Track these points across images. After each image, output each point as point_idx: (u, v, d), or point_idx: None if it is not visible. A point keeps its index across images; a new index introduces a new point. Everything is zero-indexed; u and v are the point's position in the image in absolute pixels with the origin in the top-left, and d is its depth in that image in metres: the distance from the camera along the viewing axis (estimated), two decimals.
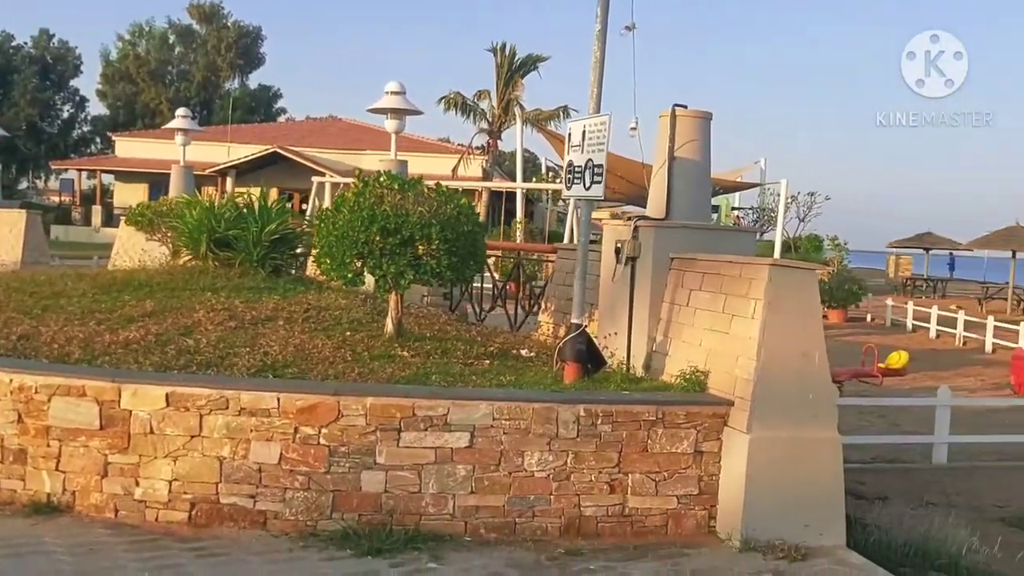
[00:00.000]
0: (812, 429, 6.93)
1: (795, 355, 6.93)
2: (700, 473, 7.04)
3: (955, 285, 43.15)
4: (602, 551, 6.56)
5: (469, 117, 48.42)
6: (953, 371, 19.17)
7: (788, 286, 6.97)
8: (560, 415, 6.77)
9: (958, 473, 11.06)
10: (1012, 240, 33.49)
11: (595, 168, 7.53)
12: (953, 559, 7.67)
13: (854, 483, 10.29)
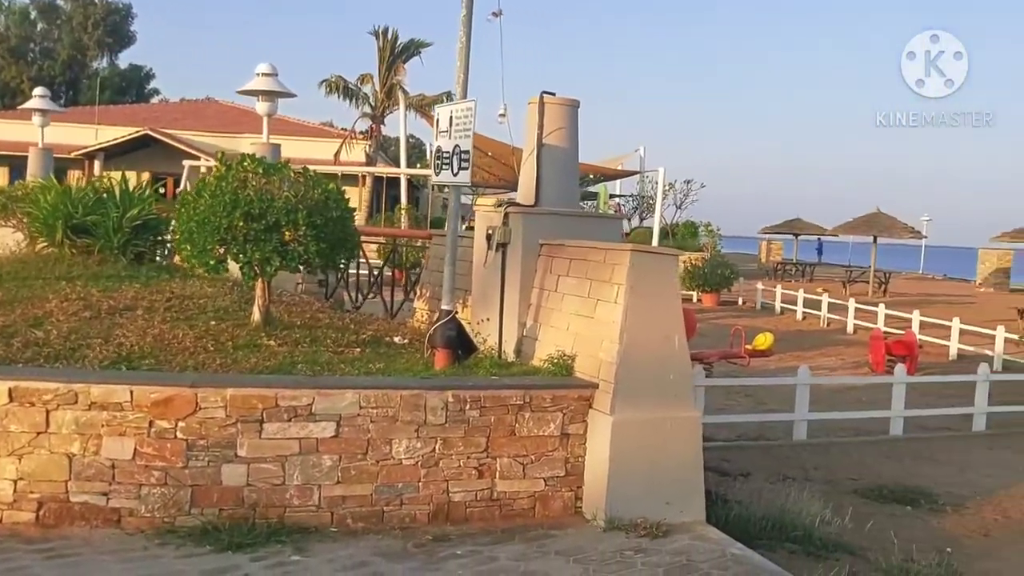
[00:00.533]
0: (673, 409, 7.14)
1: (656, 338, 7.12)
2: (566, 455, 7.16)
3: (823, 269, 45.33)
4: (470, 536, 6.60)
5: (352, 101, 47.63)
6: (817, 351, 20.12)
7: (649, 271, 7.15)
8: (428, 402, 6.75)
9: (816, 449, 11.63)
10: (873, 226, 35.34)
11: (462, 154, 7.52)
12: (807, 531, 8.07)
13: (719, 460, 10.71)
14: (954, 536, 8.66)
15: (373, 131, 47.23)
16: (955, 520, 9.12)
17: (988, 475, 10.89)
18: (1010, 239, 27.12)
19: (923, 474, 10.75)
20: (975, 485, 10.41)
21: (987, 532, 8.86)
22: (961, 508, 9.50)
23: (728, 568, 6.24)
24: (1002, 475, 10.89)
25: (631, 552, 6.41)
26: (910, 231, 35.53)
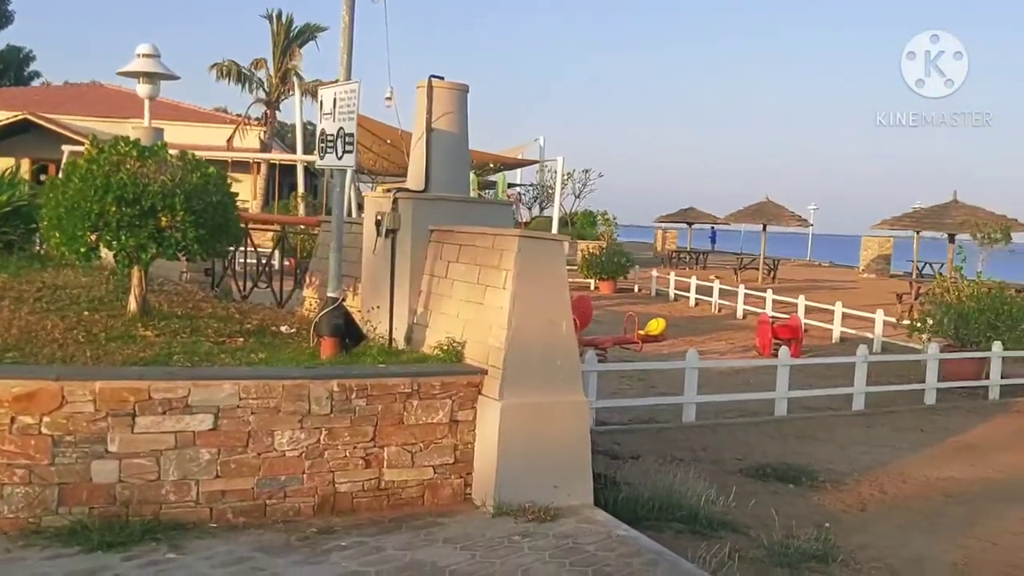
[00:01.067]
0: (560, 393, 7.18)
1: (544, 323, 7.13)
2: (456, 442, 7.11)
3: (716, 257, 46.59)
4: (356, 526, 6.48)
5: (245, 86, 46.29)
6: (708, 336, 20.64)
7: (537, 257, 7.15)
8: (312, 391, 6.59)
9: (704, 430, 11.91)
10: (762, 214, 36.47)
11: (347, 137, 7.36)
12: (693, 510, 8.24)
13: (611, 444, 10.86)
14: (833, 511, 8.99)
15: (268, 117, 46.05)
16: (834, 496, 9.47)
17: (866, 452, 11.35)
18: (889, 226, 28.41)
19: (805, 452, 11.13)
20: (854, 462, 10.84)
21: (864, 507, 9.23)
22: (840, 484, 9.87)
23: (613, 549, 6.30)
24: (879, 452, 11.37)
25: (518, 537, 6.41)
26: (797, 219, 36.84)
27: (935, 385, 14.35)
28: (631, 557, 6.17)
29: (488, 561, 5.96)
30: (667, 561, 6.16)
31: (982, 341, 15.28)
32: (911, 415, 13.54)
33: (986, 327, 15.30)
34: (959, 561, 7.83)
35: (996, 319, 15.35)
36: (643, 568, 6.00)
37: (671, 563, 6.14)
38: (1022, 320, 15.52)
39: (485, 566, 5.88)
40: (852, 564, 7.56)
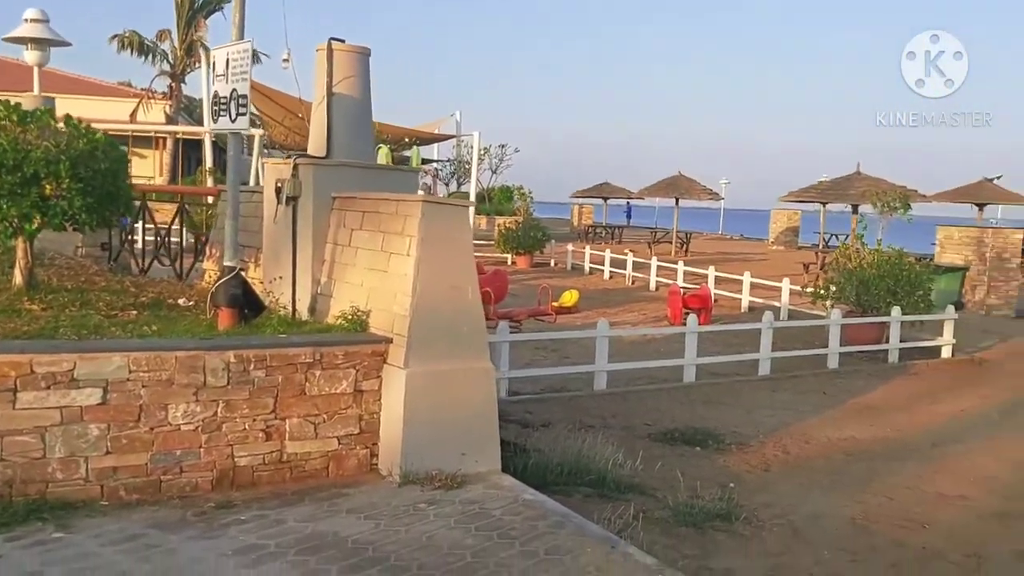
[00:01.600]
0: (467, 360, 7.10)
1: (449, 290, 7.03)
2: (361, 412, 6.98)
3: (631, 232, 47.08)
4: (257, 500, 6.30)
5: (148, 59, 44.68)
6: (621, 307, 20.84)
7: (441, 222, 7.04)
8: (208, 363, 6.37)
9: (615, 397, 12.03)
10: (675, 188, 36.98)
11: (240, 99, 7.10)
12: (601, 474, 8.30)
13: (522, 413, 10.87)
14: (737, 472, 9.19)
15: (173, 91, 44.53)
16: (739, 458, 9.67)
17: (771, 415, 11.64)
18: (795, 198, 29.17)
19: (712, 417, 11.34)
20: (759, 425, 11.10)
21: (767, 467, 9.45)
22: (745, 446, 10.09)
23: (519, 513, 6.29)
24: (783, 415, 11.67)
25: (424, 504, 6.34)
26: (709, 193, 37.46)
27: (837, 350, 14.80)
28: (537, 520, 6.16)
29: (392, 529, 5.88)
30: (572, 523, 6.17)
31: (882, 307, 15.81)
32: (814, 379, 13.94)
33: (886, 293, 15.83)
34: (857, 516, 8.08)
35: (895, 285, 15.89)
36: (549, 530, 6.00)
37: (577, 524, 6.16)
38: (920, 286, 16.11)
39: (389, 534, 5.79)
40: (755, 522, 7.73)
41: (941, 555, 7.27)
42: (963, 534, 7.76)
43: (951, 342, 16.16)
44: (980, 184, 31.39)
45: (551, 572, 5.34)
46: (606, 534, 6.08)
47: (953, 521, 8.07)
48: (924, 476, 9.35)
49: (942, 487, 9.02)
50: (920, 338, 16.41)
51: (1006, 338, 18.26)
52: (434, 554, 5.52)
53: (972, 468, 9.71)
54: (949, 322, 16.25)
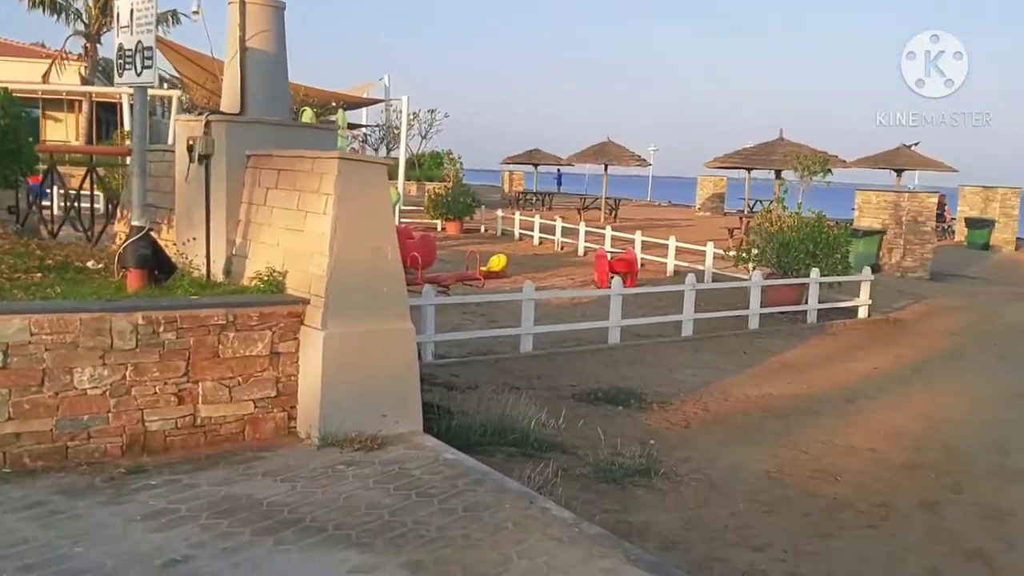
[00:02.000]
0: (386, 321, 7.02)
1: (367, 249, 6.92)
2: (278, 375, 6.85)
3: (562, 198, 47.22)
4: (169, 465, 6.15)
5: (61, 18, 42.83)
6: (550, 272, 20.90)
7: (359, 180, 6.90)
8: (114, 325, 6.15)
9: (541, 360, 12.08)
10: (603, 154, 37.12)
11: (145, 51, 6.81)
12: (524, 434, 8.34)
13: (448, 376, 10.84)
14: (658, 429, 9.33)
15: (88, 51, 42.83)
16: (660, 416, 9.82)
17: (693, 375, 11.84)
18: (720, 164, 29.54)
19: (636, 377, 11.48)
20: (681, 384, 11.28)
21: (688, 424, 9.62)
22: (667, 405, 10.24)
23: (440, 472, 6.27)
24: (705, 374, 11.88)
25: (343, 466, 6.27)
26: (637, 159, 37.67)
27: (758, 311, 15.11)
28: (457, 479, 6.15)
29: (309, 491, 5.80)
30: (492, 480, 6.18)
31: (802, 269, 16.18)
32: (735, 339, 14.22)
33: (805, 255, 16.20)
34: (772, 469, 8.29)
35: (815, 248, 16.26)
36: (468, 487, 6.00)
37: (496, 481, 6.17)
38: (838, 249, 16.52)
39: (306, 496, 5.72)
40: (673, 476, 7.87)
41: (851, 505, 7.51)
42: (872, 485, 8.02)
43: (867, 303, 16.64)
44: (898, 150, 32.20)
45: (469, 528, 5.34)
46: (525, 490, 6.11)
47: (863, 473, 8.34)
48: (837, 430, 9.63)
49: (854, 441, 9.31)
50: (838, 299, 16.85)
51: (919, 299, 18.89)
52: (351, 514, 5.46)
53: (883, 423, 10.04)
54: (865, 283, 16.72)
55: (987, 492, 8.00)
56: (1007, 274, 24.14)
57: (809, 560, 6.37)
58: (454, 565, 4.85)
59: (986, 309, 18.30)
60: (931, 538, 6.91)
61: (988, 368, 13.28)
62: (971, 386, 12.06)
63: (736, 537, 6.73)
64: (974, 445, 9.36)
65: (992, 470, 8.63)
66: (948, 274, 23.22)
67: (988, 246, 30.22)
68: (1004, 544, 6.86)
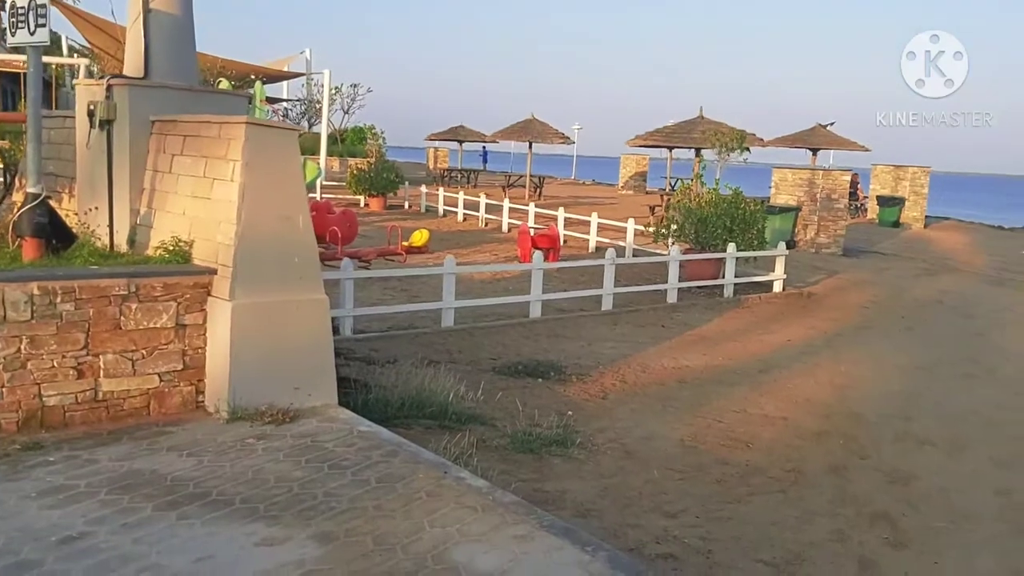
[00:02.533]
0: (298, 292, 6.84)
1: (277, 218, 6.73)
2: (184, 347, 6.63)
3: (487, 176, 47.07)
4: (68, 441, 5.91)
5: None
6: (473, 248, 20.84)
7: (268, 147, 6.70)
8: (7, 295, 5.86)
9: (462, 334, 12.02)
10: (528, 131, 37.09)
11: (38, 8, 6.46)
12: (442, 406, 8.27)
13: (368, 351, 10.70)
14: (577, 401, 9.38)
15: None
16: (579, 387, 9.87)
17: (612, 347, 11.93)
18: (641, 142, 29.76)
19: (556, 350, 11.53)
20: (600, 356, 11.36)
21: (605, 395, 9.69)
22: (585, 377, 10.30)
23: (353, 444, 6.17)
24: (623, 347, 11.99)
25: (253, 440, 6.12)
26: (561, 137, 37.74)
27: (676, 285, 15.32)
28: (371, 450, 6.06)
29: (217, 465, 5.64)
30: (407, 451, 6.11)
31: (719, 244, 16.44)
32: (653, 313, 14.40)
33: (723, 231, 16.46)
34: (686, 437, 8.41)
35: (732, 224, 16.54)
36: (382, 459, 5.91)
37: (411, 453, 6.10)
38: (754, 224, 16.83)
39: (213, 470, 5.56)
40: (590, 446, 7.92)
41: (762, 470, 7.67)
42: (783, 451, 8.22)
43: (782, 277, 17.04)
44: (814, 130, 32.97)
45: (382, 499, 5.26)
46: (440, 460, 6.06)
47: (775, 440, 8.53)
48: (750, 399, 9.84)
49: (766, 409, 9.52)
50: (754, 274, 17.21)
51: (832, 274, 19.43)
52: (259, 487, 5.33)
53: (794, 391, 10.29)
54: (780, 258, 17.11)
55: (892, 457, 8.27)
56: (916, 250, 25.01)
57: (721, 524, 6.48)
58: (365, 535, 4.77)
59: (895, 283, 18.95)
60: (838, 501, 7.11)
61: (895, 340, 13.74)
62: (878, 357, 12.46)
63: (650, 504, 6.81)
64: (880, 412, 9.67)
65: (897, 436, 8.92)
66: (860, 250, 23.95)
67: (898, 223, 31.25)
68: (907, 506, 7.09)
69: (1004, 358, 12.96)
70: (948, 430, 9.21)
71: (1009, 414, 10.03)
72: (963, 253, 25.42)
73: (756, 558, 5.96)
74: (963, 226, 36.53)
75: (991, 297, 18.29)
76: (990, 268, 22.64)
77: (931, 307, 16.54)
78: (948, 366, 12.14)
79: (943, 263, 22.91)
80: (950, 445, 8.73)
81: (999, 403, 10.46)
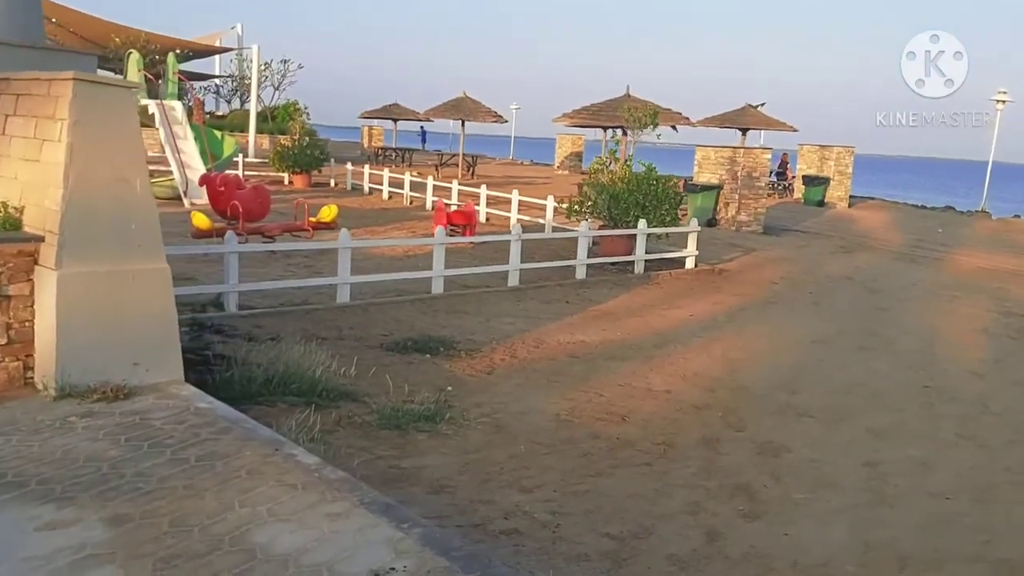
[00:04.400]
0: (136, 261, 6.45)
1: (111, 181, 6.32)
2: (9, 320, 6.22)
3: (424, 156, 46.49)
4: None
5: None
6: (391, 225, 20.45)
7: (100, 105, 6.27)
8: None
9: (356, 310, 11.69)
10: (460, 110, 36.68)
11: None
12: (312, 383, 7.98)
13: (251, 327, 10.34)
14: (460, 376, 9.13)
15: None
16: (467, 363, 9.63)
17: (511, 323, 11.71)
18: (568, 120, 29.54)
19: (453, 325, 11.27)
20: (496, 332, 11.14)
21: (492, 370, 9.46)
22: (476, 352, 10.07)
23: (185, 421, 5.83)
24: (522, 323, 11.77)
25: (76, 418, 5.75)
26: (493, 115, 37.35)
27: (585, 261, 15.14)
28: (203, 428, 5.74)
29: (25, 445, 5.27)
30: (241, 428, 5.79)
31: (632, 220, 16.31)
32: (560, 289, 14.21)
33: (634, 207, 16.33)
34: (563, 412, 8.22)
35: (644, 200, 16.42)
36: (212, 436, 5.59)
37: (247, 430, 5.79)
38: (666, 201, 16.74)
39: (19, 450, 5.19)
40: (461, 421, 7.68)
41: (632, 444, 7.51)
42: (659, 424, 8.07)
43: (694, 253, 16.99)
44: (743, 110, 33.14)
45: (196, 478, 4.95)
46: (275, 437, 5.75)
47: (653, 413, 8.39)
48: (639, 373, 9.70)
49: (652, 383, 9.39)
50: (666, 250, 17.13)
51: (749, 251, 19.48)
52: (65, 468, 4.98)
53: (685, 365, 10.18)
54: (692, 235, 17.04)
55: (768, 429, 8.18)
56: (837, 229, 25.24)
57: (576, 498, 6.29)
58: (163, 517, 4.46)
59: (810, 260, 19.06)
60: (703, 474, 6.97)
61: (799, 314, 13.75)
62: (779, 331, 12.45)
63: (509, 479, 6.60)
64: (766, 385, 9.60)
65: (779, 408, 8.85)
66: (782, 228, 24.09)
67: (823, 203, 31.56)
68: (771, 478, 6.98)
69: (903, 331, 13.05)
70: (831, 401, 9.18)
71: (895, 386, 10.05)
72: (882, 231, 25.73)
73: (603, 532, 5.77)
74: (886, 205, 37.08)
75: (902, 273, 18.49)
76: (905, 246, 22.94)
77: (841, 283, 16.63)
78: (846, 339, 12.16)
79: (860, 241, 23.15)
80: (830, 416, 8.68)
81: (888, 375, 10.49)
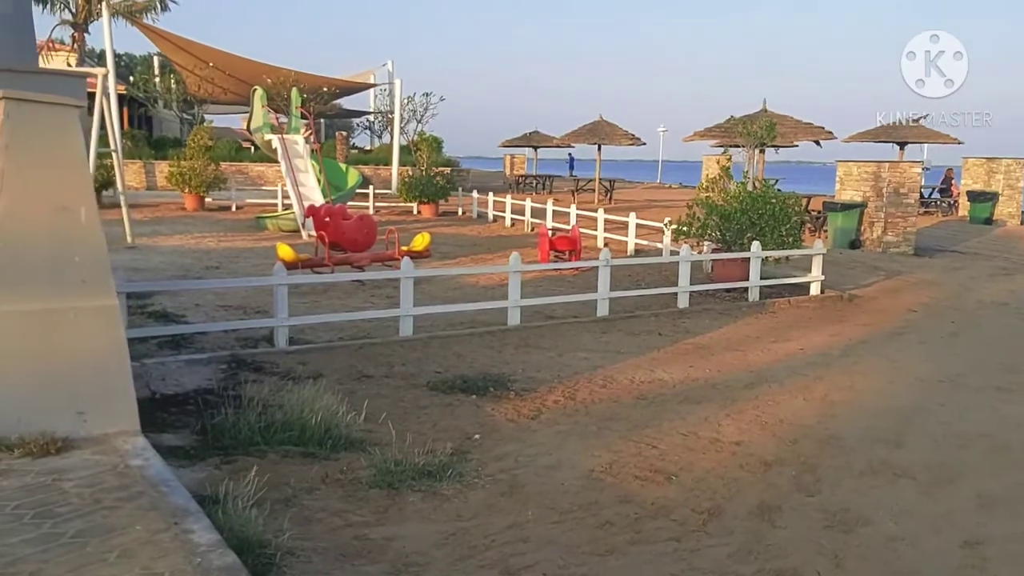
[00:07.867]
0: (78, 298, 5.81)
1: (51, 210, 5.73)
2: None
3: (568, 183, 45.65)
4: None
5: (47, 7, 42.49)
6: (498, 253, 19.64)
7: (36, 125, 5.71)
8: None
9: (416, 344, 10.84)
10: (596, 134, 35.64)
11: None
12: (314, 429, 7.17)
13: (294, 364, 9.70)
14: (498, 421, 8.06)
15: (76, 41, 42.36)
16: (512, 405, 8.54)
17: (584, 359, 10.52)
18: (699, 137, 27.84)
19: (517, 361, 10.22)
20: (563, 368, 9.99)
21: (537, 414, 8.32)
22: (529, 392, 8.96)
23: (99, 484, 5.06)
24: (598, 358, 10.55)
25: None
26: (630, 138, 36.06)
27: (688, 288, 13.68)
28: (110, 493, 4.94)
29: None
30: (155, 493, 4.95)
31: (745, 242, 14.72)
32: (655, 320, 12.83)
33: (748, 227, 14.73)
34: (599, 467, 6.97)
35: (759, 220, 14.80)
36: (114, 504, 4.78)
37: (157, 496, 4.93)
38: (786, 220, 15.02)
39: None
40: (469, 478, 6.61)
41: (667, 511, 6.16)
42: (711, 485, 6.67)
43: (820, 278, 15.11)
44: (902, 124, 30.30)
45: (52, 561, 4.12)
46: (187, 507, 4.85)
47: (709, 471, 6.98)
48: (711, 420, 8.27)
49: (723, 432, 7.95)
50: (788, 275, 15.36)
51: (892, 275, 17.31)
52: None
53: (772, 410, 8.65)
54: (817, 258, 15.18)
55: (848, 494, 6.59)
56: (1001, 249, 22.28)
57: None
58: None
59: (961, 285, 16.66)
60: (741, 555, 5.54)
61: (931, 347, 11.74)
62: (899, 368, 10.57)
63: (495, 556, 5.45)
64: (864, 436, 7.93)
65: (871, 465, 7.20)
66: (937, 249, 21.51)
67: (991, 220, 28.22)
68: (830, 563, 5.45)
69: None
70: (939, 458, 7.41)
71: None
72: None
73: None
74: None
75: None
76: None
77: (992, 311, 14.29)
78: (980, 377, 10.13)
79: None
80: (934, 477, 6.96)
81: (1022, 424, 8.52)
